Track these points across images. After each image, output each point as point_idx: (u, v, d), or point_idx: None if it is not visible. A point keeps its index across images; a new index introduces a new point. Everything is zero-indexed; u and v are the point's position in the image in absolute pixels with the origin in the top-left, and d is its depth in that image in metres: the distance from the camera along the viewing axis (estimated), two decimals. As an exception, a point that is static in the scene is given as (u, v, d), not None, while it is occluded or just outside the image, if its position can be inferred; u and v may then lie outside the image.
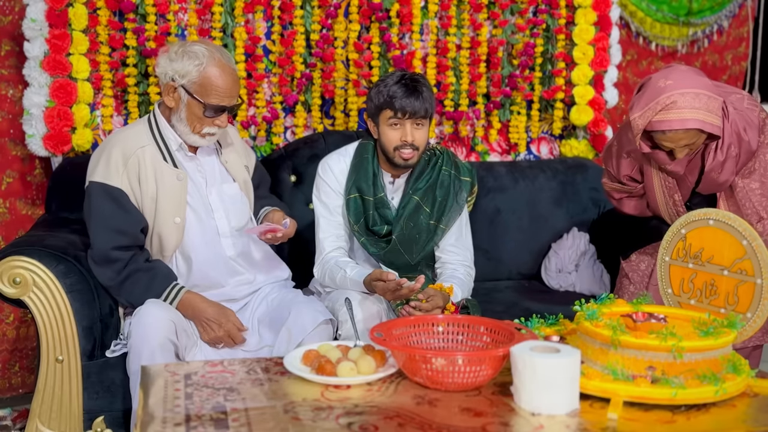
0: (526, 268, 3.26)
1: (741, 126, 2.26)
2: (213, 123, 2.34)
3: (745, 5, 4.09)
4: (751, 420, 1.55)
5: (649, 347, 1.58)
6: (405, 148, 2.44)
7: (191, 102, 2.31)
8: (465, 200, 2.64)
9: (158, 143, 2.36)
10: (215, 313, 2.31)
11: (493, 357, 1.61)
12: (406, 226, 2.53)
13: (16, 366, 3.14)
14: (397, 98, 2.40)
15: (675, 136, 2.18)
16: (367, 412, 1.52)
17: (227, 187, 2.47)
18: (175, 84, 2.31)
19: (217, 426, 1.45)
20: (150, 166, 2.32)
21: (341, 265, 2.47)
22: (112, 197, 2.29)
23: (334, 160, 2.59)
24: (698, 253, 1.87)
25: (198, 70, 2.28)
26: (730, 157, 2.27)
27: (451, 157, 2.64)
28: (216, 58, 2.31)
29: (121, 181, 2.29)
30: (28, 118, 2.90)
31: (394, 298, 2.33)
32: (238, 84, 2.37)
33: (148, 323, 2.16)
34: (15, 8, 3.02)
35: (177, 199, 2.35)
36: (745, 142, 2.27)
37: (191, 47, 2.33)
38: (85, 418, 2.28)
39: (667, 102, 2.15)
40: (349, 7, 3.22)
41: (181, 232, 2.36)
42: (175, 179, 2.35)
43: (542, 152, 3.57)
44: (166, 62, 2.32)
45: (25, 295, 2.24)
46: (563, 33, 3.45)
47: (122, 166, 2.30)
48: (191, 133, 2.35)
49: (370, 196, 2.52)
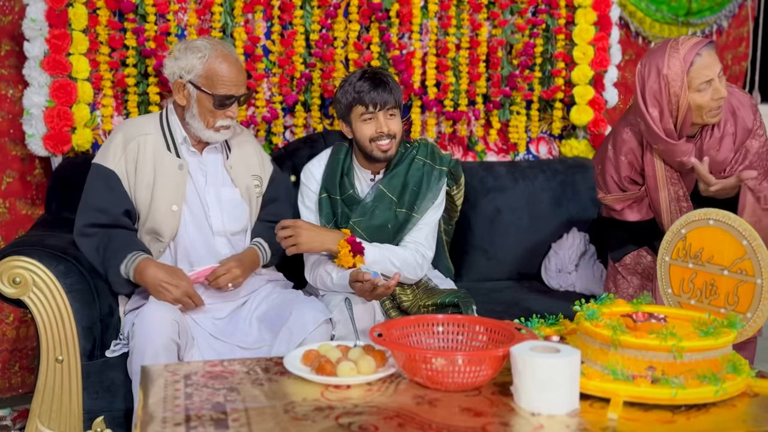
0: (526, 268, 3.25)
1: (735, 104, 2.33)
2: (225, 114, 2.37)
3: (744, 5, 4.09)
4: (751, 420, 1.55)
5: (649, 347, 1.59)
6: (382, 139, 2.47)
7: (200, 96, 2.35)
8: (440, 189, 2.59)
9: (164, 133, 2.42)
10: (166, 275, 2.27)
11: (493, 357, 1.61)
12: (369, 214, 2.51)
13: (16, 366, 3.14)
14: (365, 92, 2.44)
15: (710, 54, 2.26)
16: (367, 412, 1.52)
17: (226, 190, 2.48)
18: (183, 81, 2.36)
19: (217, 426, 1.45)
20: (150, 153, 2.38)
21: (329, 270, 2.47)
22: (104, 177, 2.35)
23: (314, 165, 2.62)
24: (698, 253, 1.87)
25: (202, 62, 2.33)
26: (727, 133, 2.32)
27: (428, 148, 2.62)
28: (218, 50, 2.36)
29: (117, 164, 2.35)
30: (28, 118, 2.90)
31: (373, 298, 2.34)
32: (244, 73, 2.42)
33: (152, 322, 2.15)
34: (15, 8, 3.02)
35: (176, 187, 2.39)
36: (740, 119, 2.33)
37: (193, 43, 2.39)
38: (85, 418, 2.28)
39: (677, 40, 2.29)
40: (349, 7, 3.22)
41: (178, 220, 2.38)
42: (176, 168, 2.39)
43: (541, 152, 3.57)
44: (172, 62, 2.38)
45: (25, 295, 2.24)
46: (563, 33, 3.45)
47: (121, 150, 2.36)
48: (205, 129, 2.39)
49: (336, 195, 2.55)
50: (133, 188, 2.37)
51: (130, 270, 2.28)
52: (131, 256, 2.29)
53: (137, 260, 2.28)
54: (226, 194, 2.47)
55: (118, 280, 2.31)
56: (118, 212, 2.35)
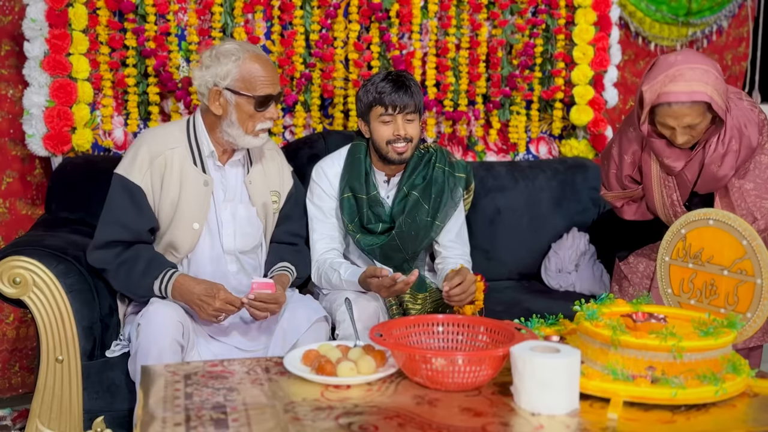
0: (526, 268, 3.26)
1: (742, 121, 2.27)
2: (264, 117, 2.32)
3: (744, 5, 4.09)
4: (751, 420, 1.55)
5: (649, 347, 1.58)
6: (398, 142, 2.48)
7: (240, 100, 2.28)
8: (461, 197, 2.65)
9: (191, 145, 2.35)
10: (204, 289, 2.21)
11: (493, 357, 1.61)
12: (405, 222, 2.54)
13: (16, 366, 3.14)
14: (386, 94, 2.45)
15: (680, 110, 2.17)
16: (367, 412, 1.52)
17: (242, 207, 2.41)
18: (219, 88, 2.28)
19: (217, 426, 1.45)
20: (177, 168, 2.31)
21: (335, 267, 2.48)
22: (129, 192, 2.28)
23: (327, 164, 2.62)
24: (698, 253, 1.87)
25: (237, 65, 2.27)
26: (731, 150, 2.27)
27: (445, 155, 2.66)
28: (249, 50, 2.31)
29: (143, 179, 2.28)
30: (28, 118, 2.90)
31: (389, 294, 2.33)
32: (276, 70, 2.37)
33: (158, 323, 2.13)
34: (15, 8, 3.02)
35: (199, 204, 2.33)
36: (746, 137, 2.27)
37: (221, 48, 2.30)
38: (85, 418, 2.28)
39: (676, 74, 2.16)
40: (349, 7, 3.22)
41: (197, 238, 2.34)
42: (202, 184, 2.33)
43: (541, 152, 3.57)
44: (202, 72, 2.30)
45: (25, 295, 2.24)
46: (563, 33, 3.45)
47: (147, 165, 2.29)
48: (245, 135, 2.31)
49: (363, 194, 2.54)
50: (157, 203, 2.31)
51: (167, 288, 2.23)
52: (164, 274, 2.24)
53: (173, 277, 2.23)
54: (241, 212, 2.41)
55: (146, 294, 2.27)
56: (143, 229, 2.30)
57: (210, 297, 2.19)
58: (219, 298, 2.19)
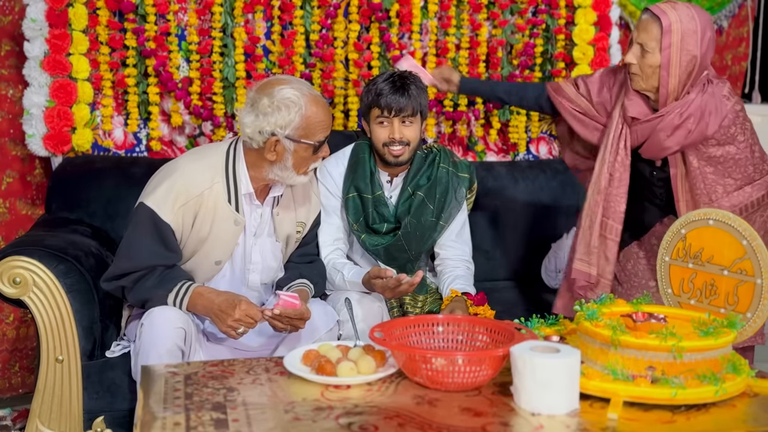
0: (526, 268, 3.26)
1: (708, 108, 2.30)
2: (318, 157, 2.25)
3: (745, 5, 4.09)
4: (751, 420, 1.55)
5: (649, 347, 1.59)
6: (393, 145, 2.47)
7: (299, 147, 2.19)
8: (464, 197, 2.66)
9: (228, 182, 2.22)
10: (225, 301, 2.15)
11: (493, 357, 1.61)
12: (411, 222, 2.54)
13: (16, 366, 3.14)
14: (383, 96, 2.44)
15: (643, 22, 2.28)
16: (367, 412, 1.52)
17: (269, 241, 2.34)
18: (278, 137, 2.16)
19: (217, 426, 1.45)
20: (211, 206, 2.20)
21: (338, 268, 2.48)
22: (157, 229, 2.15)
23: (331, 164, 2.61)
24: (698, 253, 1.87)
25: (300, 114, 2.15)
26: (685, 127, 2.30)
27: (448, 155, 2.66)
28: (308, 95, 2.19)
29: (174, 217, 2.15)
30: (28, 118, 2.90)
31: (394, 295, 2.33)
32: (330, 110, 2.28)
33: (159, 326, 2.09)
34: (15, 8, 3.02)
35: (226, 243, 2.25)
36: (703, 123, 2.30)
37: (281, 94, 2.16)
38: (85, 418, 2.28)
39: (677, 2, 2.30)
40: (349, 7, 3.22)
41: (217, 272, 2.29)
42: (233, 223, 2.23)
43: (541, 152, 3.57)
44: (258, 119, 2.16)
45: (25, 295, 2.24)
46: (563, 33, 3.45)
47: (181, 203, 2.16)
48: (296, 176, 2.23)
49: (368, 194, 2.54)
50: (185, 239, 2.21)
51: (182, 301, 2.15)
52: (180, 287, 2.16)
53: (190, 290, 2.16)
54: (267, 246, 2.34)
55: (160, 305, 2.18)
56: (164, 264, 2.19)
57: (230, 307, 2.11)
58: (240, 308, 2.11)
